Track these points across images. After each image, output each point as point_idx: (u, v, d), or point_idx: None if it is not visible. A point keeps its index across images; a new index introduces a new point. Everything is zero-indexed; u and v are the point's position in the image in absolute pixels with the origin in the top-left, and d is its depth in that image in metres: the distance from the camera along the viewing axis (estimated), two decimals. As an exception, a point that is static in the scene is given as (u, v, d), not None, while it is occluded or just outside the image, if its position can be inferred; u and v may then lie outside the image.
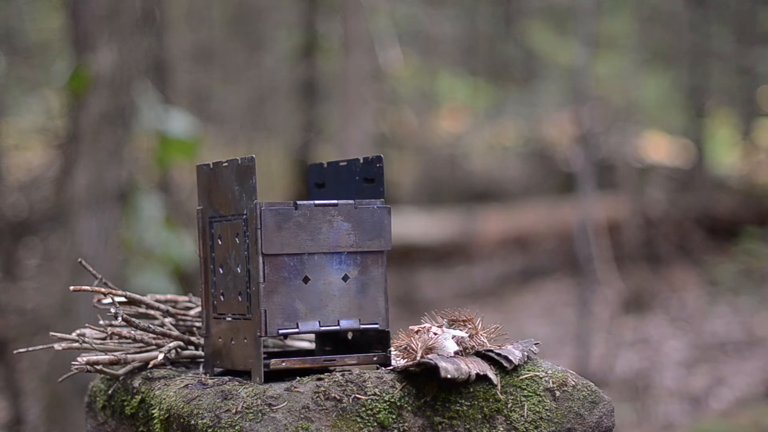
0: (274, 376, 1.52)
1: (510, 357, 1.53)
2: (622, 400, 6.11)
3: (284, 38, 11.43)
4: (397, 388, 1.48)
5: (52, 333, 1.66)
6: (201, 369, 1.67)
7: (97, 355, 1.62)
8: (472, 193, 11.31)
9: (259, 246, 1.51)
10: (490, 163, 12.86)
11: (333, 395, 1.45)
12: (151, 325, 1.66)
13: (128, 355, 1.65)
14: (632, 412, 6.09)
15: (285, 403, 1.44)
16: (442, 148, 12.55)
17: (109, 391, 1.69)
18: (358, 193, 1.64)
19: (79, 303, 4.37)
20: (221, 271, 1.59)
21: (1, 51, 8.57)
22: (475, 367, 1.50)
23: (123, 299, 1.70)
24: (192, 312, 1.79)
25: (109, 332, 1.64)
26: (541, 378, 1.54)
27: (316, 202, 1.55)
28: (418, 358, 1.50)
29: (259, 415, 1.43)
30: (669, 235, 9.24)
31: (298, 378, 1.50)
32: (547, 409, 1.52)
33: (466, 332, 1.57)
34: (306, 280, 1.54)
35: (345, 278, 1.57)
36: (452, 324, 1.60)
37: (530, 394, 1.53)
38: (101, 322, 1.70)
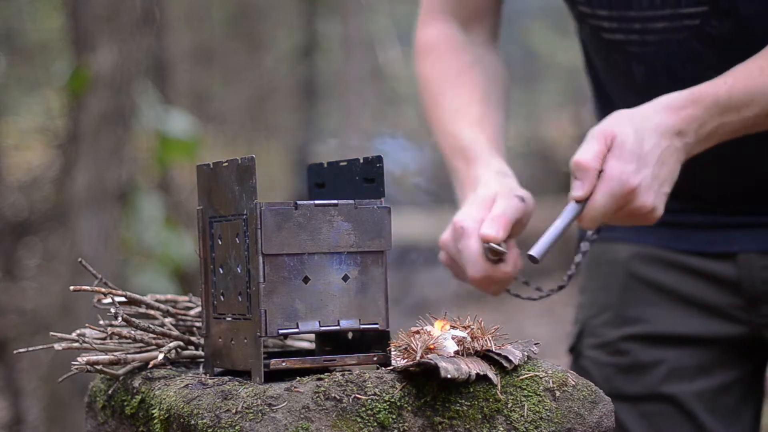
0: (274, 376, 1.52)
1: (510, 357, 1.53)
2: (622, 400, 6.10)
3: (284, 38, 11.43)
4: (397, 388, 1.48)
5: (52, 333, 1.66)
6: (201, 369, 1.67)
7: (97, 355, 1.62)
8: (472, 192, 11.28)
9: (259, 246, 1.51)
10: (490, 163, 12.82)
11: (333, 395, 1.45)
12: (151, 325, 1.66)
13: (128, 355, 1.65)
14: (632, 412, 6.08)
15: (285, 403, 1.44)
16: (442, 148, 12.52)
17: (109, 391, 1.69)
18: (358, 193, 1.63)
19: (79, 303, 4.37)
20: (221, 271, 1.59)
21: (1, 51, 8.57)
22: (475, 367, 1.50)
23: (123, 299, 1.70)
24: (192, 312, 1.79)
25: (109, 332, 1.64)
26: (541, 378, 1.54)
27: (316, 202, 1.55)
28: (418, 358, 1.50)
29: (259, 415, 1.42)
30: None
31: (298, 378, 1.49)
32: (547, 409, 1.52)
33: (467, 332, 1.57)
34: (306, 280, 1.54)
35: (345, 278, 1.56)
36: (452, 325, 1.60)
37: (530, 394, 1.52)
38: (101, 322, 1.70)
